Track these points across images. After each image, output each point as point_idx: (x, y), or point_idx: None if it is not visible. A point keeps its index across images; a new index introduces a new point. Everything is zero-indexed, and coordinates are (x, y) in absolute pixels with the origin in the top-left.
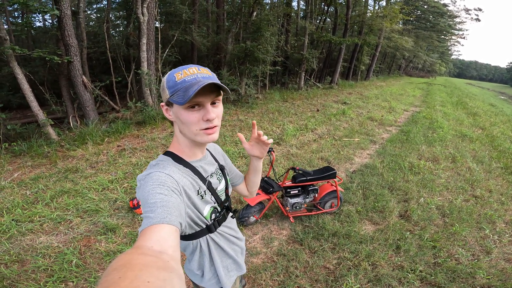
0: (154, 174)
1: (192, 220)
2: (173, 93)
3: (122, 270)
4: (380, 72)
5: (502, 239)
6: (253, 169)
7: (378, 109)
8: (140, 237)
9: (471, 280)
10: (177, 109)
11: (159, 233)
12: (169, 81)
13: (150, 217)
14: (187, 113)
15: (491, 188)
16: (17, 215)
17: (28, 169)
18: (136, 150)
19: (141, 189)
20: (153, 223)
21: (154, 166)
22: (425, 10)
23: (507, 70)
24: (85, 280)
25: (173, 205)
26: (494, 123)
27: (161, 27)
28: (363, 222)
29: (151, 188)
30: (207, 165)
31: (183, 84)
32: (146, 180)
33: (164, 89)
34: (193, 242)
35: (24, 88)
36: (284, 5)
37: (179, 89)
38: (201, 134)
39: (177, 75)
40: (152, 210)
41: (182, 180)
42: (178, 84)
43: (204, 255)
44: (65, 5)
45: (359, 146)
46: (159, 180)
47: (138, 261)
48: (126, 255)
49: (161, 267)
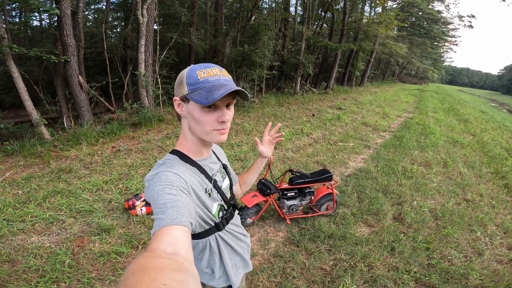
0: (162, 174)
1: (201, 218)
2: (193, 91)
3: (139, 274)
4: (375, 78)
5: (494, 241)
6: (257, 168)
7: (372, 114)
8: (153, 240)
9: (464, 281)
10: (193, 106)
11: (171, 235)
12: (190, 78)
13: (161, 218)
14: (203, 113)
15: (482, 192)
16: (8, 214)
17: (21, 168)
18: (131, 151)
19: (149, 189)
20: (164, 225)
21: (161, 166)
22: (420, 17)
23: (498, 77)
24: (78, 280)
25: (183, 205)
26: (484, 129)
27: (160, 29)
28: (358, 225)
29: (160, 188)
30: (212, 163)
31: (206, 84)
32: (155, 181)
33: (183, 84)
34: (202, 240)
35: (20, 87)
36: (282, 10)
37: (200, 88)
38: (214, 134)
39: (200, 73)
40: (163, 211)
41: (190, 179)
42: (200, 83)
43: (214, 253)
44: (65, 4)
45: (353, 151)
46: (168, 180)
47: (154, 264)
48: (141, 259)
49: (176, 269)
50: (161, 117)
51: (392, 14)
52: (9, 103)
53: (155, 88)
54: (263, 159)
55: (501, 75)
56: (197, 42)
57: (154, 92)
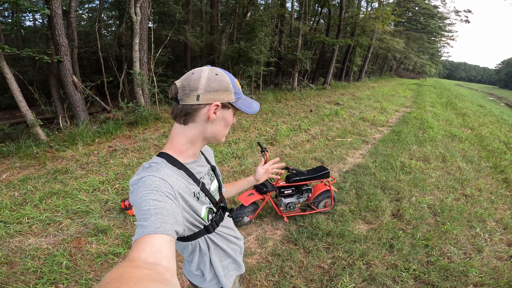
0: (147, 179)
1: (190, 222)
2: (238, 99)
3: (115, 284)
4: (372, 73)
5: (493, 238)
6: (241, 187)
7: (370, 109)
8: (133, 248)
9: (464, 278)
10: (229, 113)
11: (153, 244)
12: (235, 86)
13: (143, 226)
14: (233, 118)
15: (481, 187)
16: (5, 216)
17: (17, 170)
18: (128, 150)
19: (134, 194)
20: (146, 233)
21: (147, 169)
22: (416, 12)
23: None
24: (76, 282)
25: (168, 212)
26: (482, 123)
27: (154, 27)
28: (356, 222)
29: (144, 194)
30: (200, 166)
31: (241, 95)
32: (139, 185)
33: (229, 91)
34: (192, 243)
35: (13, 88)
36: (279, 6)
37: (241, 98)
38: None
39: (237, 84)
40: (146, 218)
41: (176, 183)
42: (240, 93)
43: (204, 255)
44: (56, 4)
45: (351, 146)
46: (153, 185)
47: (132, 274)
48: (119, 268)
49: (156, 280)
50: (157, 115)
51: (389, 9)
52: (4, 104)
53: (151, 87)
54: (253, 181)
55: (498, 69)
56: (192, 40)
57: (150, 91)
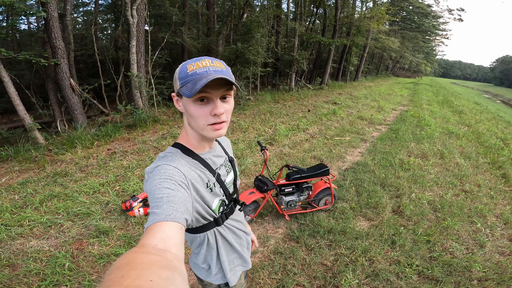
0: (161, 167)
1: (199, 214)
2: (183, 85)
3: (125, 268)
4: (369, 72)
5: (494, 233)
6: None
7: (367, 108)
8: (145, 235)
9: (468, 273)
10: (186, 101)
11: (163, 231)
12: (181, 72)
13: (155, 213)
14: (196, 107)
15: (480, 182)
16: (6, 219)
17: (16, 174)
18: (127, 153)
19: (148, 182)
20: (158, 220)
21: (162, 158)
22: (410, 11)
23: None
24: (79, 283)
25: (180, 200)
26: (479, 120)
27: (151, 30)
28: (357, 219)
29: (158, 182)
30: (216, 157)
31: (194, 77)
32: (154, 173)
33: (176, 79)
34: (200, 235)
35: (10, 92)
36: (275, 7)
37: (189, 81)
38: (208, 129)
39: (189, 67)
40: (158, 205)
41: (190, 173)
42: (188, 76)
43: (211, 249)
44: (52, 7)
45: (350, 145)
46: (167, 174)
47: (141, 259)
48: (130, 253)
49: (164, 266)
50: (156, 117)
51: (383, 8)
52: (1, 109)
53: (148, 89)
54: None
55: (493, 67)
56: (189, 42)
57: (148, 93)
